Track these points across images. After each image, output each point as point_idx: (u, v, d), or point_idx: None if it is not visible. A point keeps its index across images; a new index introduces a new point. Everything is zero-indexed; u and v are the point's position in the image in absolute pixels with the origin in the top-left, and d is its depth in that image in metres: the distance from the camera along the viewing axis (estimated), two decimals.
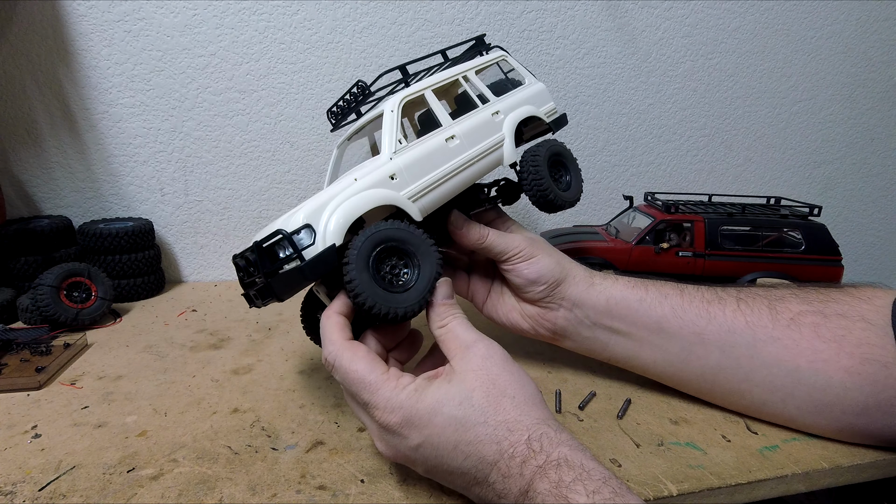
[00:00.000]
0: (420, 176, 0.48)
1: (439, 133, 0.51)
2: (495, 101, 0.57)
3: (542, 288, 0.51)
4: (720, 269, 0.72)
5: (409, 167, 0.47)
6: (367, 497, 0.38)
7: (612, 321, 0.51)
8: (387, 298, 0.41)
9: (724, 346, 0.46)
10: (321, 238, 0.41)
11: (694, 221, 0.73)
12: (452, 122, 0.52)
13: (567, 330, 0.52)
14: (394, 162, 0.47)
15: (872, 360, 0.41)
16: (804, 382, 0.44)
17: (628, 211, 0.82)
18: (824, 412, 0.44)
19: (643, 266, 0.73)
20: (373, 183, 0.45)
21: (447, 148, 0.50)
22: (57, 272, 0.68)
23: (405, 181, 0.47)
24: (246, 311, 0.77)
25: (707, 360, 0.47)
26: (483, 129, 0.54)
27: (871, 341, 0.42)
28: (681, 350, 0.48)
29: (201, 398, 0.52)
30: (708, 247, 0.72)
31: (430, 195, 0.48)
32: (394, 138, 0.48)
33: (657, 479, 0.41)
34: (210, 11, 0.83)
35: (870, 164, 1.22)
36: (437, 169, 0.49)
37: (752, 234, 0.74)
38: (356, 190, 0.44)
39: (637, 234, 0.74)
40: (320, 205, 0.43)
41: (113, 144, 0.86)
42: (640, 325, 0.49)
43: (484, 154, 0.53)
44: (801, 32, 1.09)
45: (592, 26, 0.98)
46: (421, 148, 0.49)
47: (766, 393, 0.46)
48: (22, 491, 0.38)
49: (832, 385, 0.43)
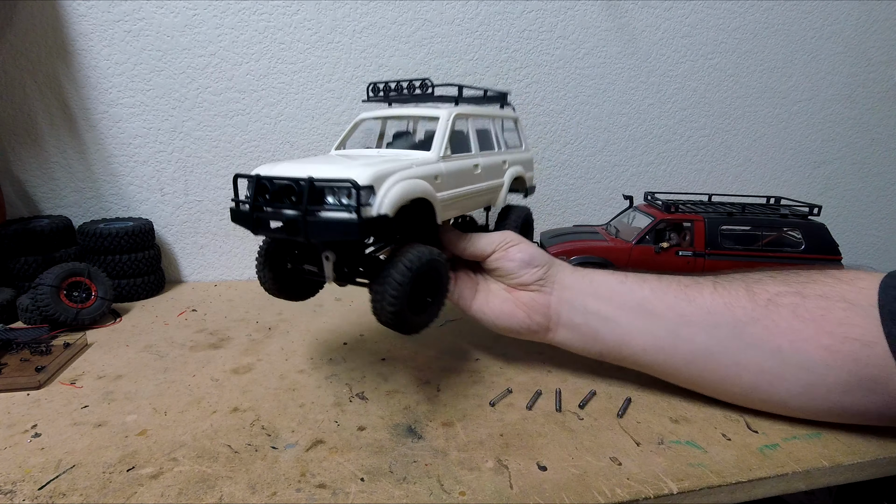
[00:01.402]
0: (452, 187, 0.51)
1: (470, 158, 0.54)
2: (506, 152, 0.62)
3: (535, 269, 0.52)
4: (720, 268, 0.72)
5: (449, 175, 0.50)
6: (366, 496, 0.38)
7: (598, 303, 0.51)
8: (405, 318, 0.43)
9: (708, 327, 0.47)
10: (378, 204, 0.41)
11: (694, 221, 0.73)
12: (479, 153, 0.56)
13: (561, 315, 0.53)
14: (440, 165, 0.49)
15: (853, 338, 0.41)
16: (789, 363, 0.44)
17: (628, 211, 0.82)
18: (811, 392, 0.44)
19: (643, 265, 0.73)
20: (423, 174, 0.46)
21: (472, 173, 0.54)
22: (57, 272, 0.68)
23: (443, 186, 0.49)
24: (246, 311, 0.77)
25: (694, 343, 0.47)
26: (494, 170, 0.58)
27: (851, 321, 0.42)
28: (667, 333, 0.48)
29: (201, 397, 0.52)
30: (708, 246, 0.72)
31: (451, 209, 0.51)
32: (444, 143, 0.50)
33: (657, 477, 0.40)
34: (210, 11, 0.83)
35: (870, 164, 1.22)
36: (463, 187, 0.52)
37: (752, 234, 0.74)
38: (413, 174, 0.45)
39: (637, 234, 0.74)
40: (383, 172, 0.42)
41: (113, 144, 0.86)
42: (625, 307, 0.50)
43: (486, 191, 0.57)
44: (801, 32, 1.09)
45: (592, 26, 0.98)
46: (459, 164, 0.52)
47: (755, 375, 0.46)
48: (22, 490, 0.38)
49: (814, 364, 0.43)
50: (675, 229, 0.75)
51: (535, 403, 0.51)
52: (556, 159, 1.04)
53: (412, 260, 0.42)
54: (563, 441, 0.45)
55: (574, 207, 1.08)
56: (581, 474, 0.41)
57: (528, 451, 0.44)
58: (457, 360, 0.61)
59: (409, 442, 0.45)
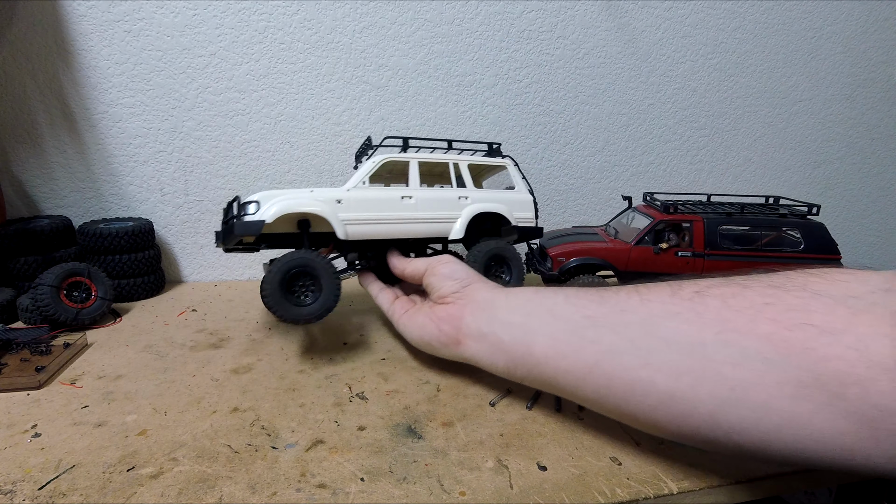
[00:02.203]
0: (362, 210, 0.62)
1: (399, 190, 0.65)
2: (469, 190, 0.68)
3: (453, 282, 0.55)
4: (720, 268, 0.72)
5: (357, 201, 0.62)
6: (367, 496, 0.38)
7: (508, 314, 0.48)
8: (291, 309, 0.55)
9: (617, 325, 0.39)
10: (259, 213, 0.56)
11: (693, 221, 0.73)
12: (418, 187, 0.66)
13: (470, 326, 0.51)
14: (348, 192, 0.61)
15: (808, 325, 0.30)
16: (712, 359, 0.33)
17: (627, 211, 0.82)
18: (746, 399, 0.32)
19: (642, 266, 0.73)
20: (322, 198, 0.59)
21: (399, 202, 0.64)
22: (57, 272, 0.68)
23: (348, 208, 0.61)
24: (246, 311, 0.77)
25: (600, 345, 0.40)
26: (443, 203, 0.67)
27: (810, 308, 0.31)
28: (570, 335, 0.42)
29: (201, 397, 0.52)
30: (707, 246, 0.72)
31: (363, 227, 0.62)
32: (359, 179, 0.63)
33: (657, 477, 0.40)
34: (210, 11, 0.83)
35: (870, 164, 1.22)
36: (379, 212, 0.63)
37: (751, 234, 0.74)
38: (305, 196, 0.59)
39: (636, 235, 0.74)
40: (276, 194, 0.58)
41: (113, 144, 0.86)
42: (532, 314, 0.46)
43: (432, 220, 0.66)
44: (801, 32, 1.09)
45: (592, 26, 0.98)
46: (375, 192, 0.64)
47: (670, 380, 0.35)
48: (22, 490, 0.38)
49: (747, 357, 0.32)
50: (674, 230, 0.75)
51: (535, 403, 0.51)
52: (556, 159, 1.04)
53: (281, 260, 0.54)
54: (563, 441, 0.45)
55: (574, 207, 1.08)
56: (581, 474, 0.41)
57: (528, 451, 0.44)
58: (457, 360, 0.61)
59: (409, 442, 0.45)
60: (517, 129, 1.00)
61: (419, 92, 0.94)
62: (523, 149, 1.01)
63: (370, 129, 0.93)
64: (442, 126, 0.96)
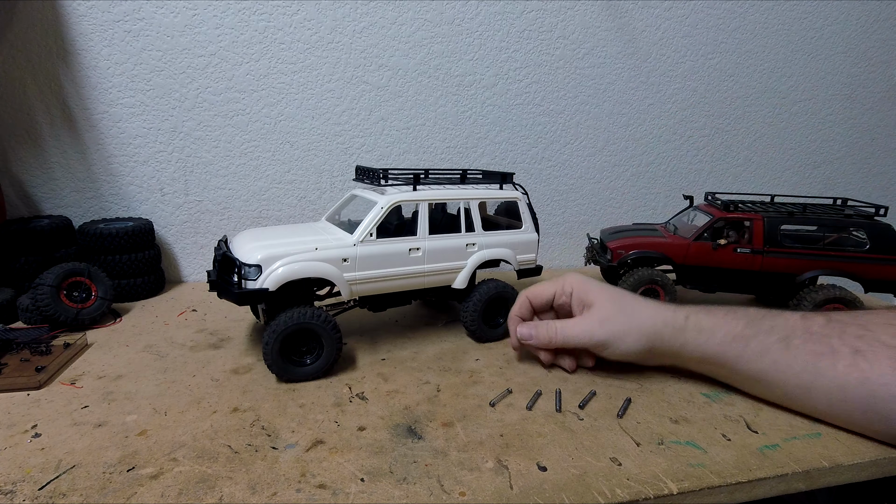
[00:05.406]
0: (369, 268, 0.59)
1: (406, 242, 0.62)
2: (477, 235, 0.66)
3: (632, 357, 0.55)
4: (779, 265, 0.74)
5: (363, 258, 0.59)
6: (366, 496, 0.38)
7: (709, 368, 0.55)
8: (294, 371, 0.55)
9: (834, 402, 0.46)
10: (262, 280, 0.54)
11: (753, 220, 0.74)
12: (426, 237, 0.63)
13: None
14: (354, 249, 0.58)
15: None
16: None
17: (688, 210, 0.85)
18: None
19: (700, 260, 0.76)
20: (327, 258, 0.56)
21: (406, 256, 0.61)
22: (57, 272, 0.68)
23: (354, 267, 0.58)
24: (246, 311, 0.77)
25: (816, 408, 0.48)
26: (450, 252, 0.65)
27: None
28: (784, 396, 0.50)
29: (201, 397, 0.52)
30: (767, 244, 0.74)
31: (369, 285, 0.60)
32: (367, 230, 0.59)
33: (657, 477, 0.40)
34: (210, 11, 0.83)
35: (870, 164, 1.22)
36: (387, 268, 0.60)
37: (815, 234, 0.76)
38: (310, 257, 0.56)
39: (695, 231, 0.76)
40: (277, 255, 0.55)
41: (113, 144, 0.86)
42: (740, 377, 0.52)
43: (438, 272, 0.64)
44: (801, 32, 1.09)
45: (592, 26, 0.98)
46: (383, 248, 0.60)
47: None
48: (22, 490, 0.38)
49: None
50: (734, 227, 0.77)
51: (535, 404, 0.51)
52: (556, 159, 1.04)
53: (279, 320, 0.53)
54: (563, 441, 0.45)
55: (574, 207, 1.08)
56: (581, 474, 0.41)
57: (528, 451, 0.44)
58: (457, 361, 0.61)
59: (409, 442, 0.45)
60: (517, 129, 1.00)
61: (419, 92, 0.94)
62: (523, 149, 1.01)
63: (370, 129, 0.93)
64: (442, 126, 0.96)
